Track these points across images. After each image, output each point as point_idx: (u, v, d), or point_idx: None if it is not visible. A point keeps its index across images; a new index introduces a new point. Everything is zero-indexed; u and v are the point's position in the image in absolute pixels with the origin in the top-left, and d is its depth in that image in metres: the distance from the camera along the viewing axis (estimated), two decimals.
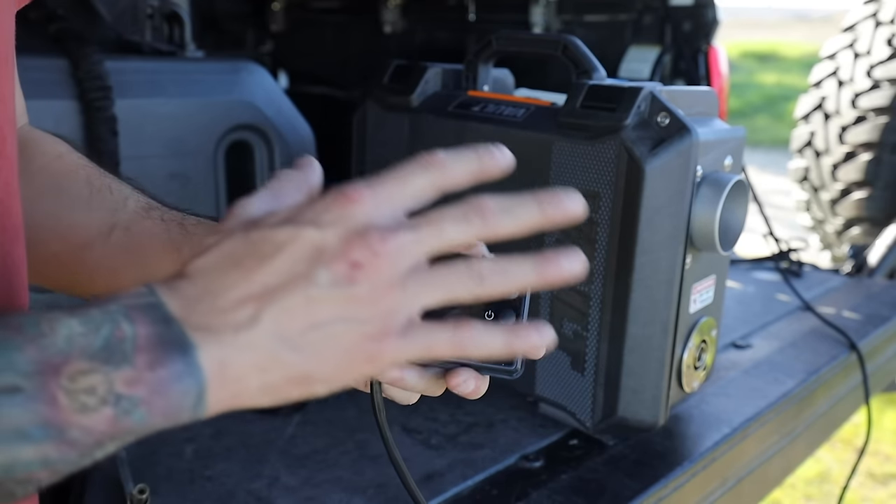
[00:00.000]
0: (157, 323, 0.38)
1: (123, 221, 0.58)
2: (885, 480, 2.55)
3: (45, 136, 0.65)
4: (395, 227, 0.40)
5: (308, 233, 0.40)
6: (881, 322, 1.62)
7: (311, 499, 0.95)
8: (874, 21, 2.90)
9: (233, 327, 0.38)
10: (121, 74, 1.33)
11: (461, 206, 0.42)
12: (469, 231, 0.41)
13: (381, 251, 0.39)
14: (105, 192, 0.60)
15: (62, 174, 0.61)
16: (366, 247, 0.39)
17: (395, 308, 0.40)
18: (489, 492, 0.98)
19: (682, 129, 0.95)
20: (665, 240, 0.98)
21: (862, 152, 2.81)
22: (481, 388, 0.50)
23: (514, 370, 0.49)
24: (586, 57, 1.06)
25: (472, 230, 0.42)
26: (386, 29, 2.34)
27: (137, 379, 0.37)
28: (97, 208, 0.59)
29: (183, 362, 0.38)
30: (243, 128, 1.49)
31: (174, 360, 0.37)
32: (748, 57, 12.34)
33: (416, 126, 1.19)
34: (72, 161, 0.63)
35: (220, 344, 0.38)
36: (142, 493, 0.88)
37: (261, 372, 0.39)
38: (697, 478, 1.06)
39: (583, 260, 0.43)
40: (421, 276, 0.40)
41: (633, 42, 1.99)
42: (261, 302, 0.39)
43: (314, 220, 0.40)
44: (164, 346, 0.37)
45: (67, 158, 0.63)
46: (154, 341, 0.37)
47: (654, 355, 1.01)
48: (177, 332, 0.38)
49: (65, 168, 0.62)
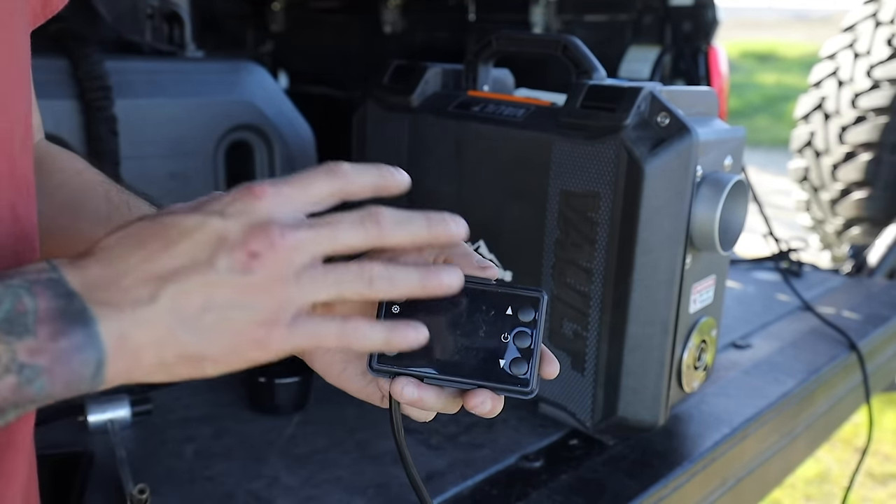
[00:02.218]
0: (58, 297, 0.40)
1: None
2: (885, 480, 2.55)
3: (62, 153, 0.66)
4: (295, 224, 0.43)
5: (213, 221, 0.42)
6: (881, 322, 1.62)
7: (311, 499, 0.95)
8: (874, 21, 2.90)
9: (132, 303, 0.40)
10: (121, 74, 1.34)
11: (359, 213, 0.45)
12: (363, 236, 0.44)
13: (278, 244, 0.42)
14: (123, 208, 0.61)
15: (81, 190, 0.62)
16: (265, 238, 0.42)
17: (286, 299, 0.42)
18: (489, 492, 0.98)
19: (682, 129, 0.95)
20: (665, 240, 0.98)
21: (862, 152, 2.81)
22: (497, 407, 0.51)
23: (529, 391, 0.50)
24: (586, 57, 1.06)
25: (366, 236, 0.44)
26: (386, 29, 2.34)
27: (39, 349, 0.38)
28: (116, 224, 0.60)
29: (84, 333, 0.39)
30: (243, 128, 1.49)
31: (75, 331, 0.39)
32: (748, 57, 12.34)
33: (416, 126, 1.19)
34: (91, 177, 0.64)
35: (120, 318, 0.40)
36: (142, 493, 0.88)
37: (157, 348, 0.41)
38: (697, 478, 1.06)
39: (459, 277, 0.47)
40: (314, 273, 0.43)
41: (633, 42, 1.99)
42: (161, 282, 0.41)
43: (220, 211, 0.43)
44: (65, 318, 0.39)
45: (86, 175, 0.64)
46: (55, 314, 0.39)
47: (654, 355, 1.01)
48: (78, 306, 0.40)
49: (84, 184, 0.63)
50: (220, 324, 0.42)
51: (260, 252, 0.41)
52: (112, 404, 1.08)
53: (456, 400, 0.52)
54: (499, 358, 0.50)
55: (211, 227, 0.42)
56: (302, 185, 0.45)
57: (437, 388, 0.51)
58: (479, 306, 0.51)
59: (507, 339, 0.51)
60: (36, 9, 0.53)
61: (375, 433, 1.10)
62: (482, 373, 0.50)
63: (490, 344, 0.50)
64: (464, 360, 0.50)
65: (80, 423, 1.06)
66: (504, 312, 0.51)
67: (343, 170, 0.46)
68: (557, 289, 1.05)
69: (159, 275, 0.41)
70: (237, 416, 1.14)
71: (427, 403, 0.51)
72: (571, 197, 1.02)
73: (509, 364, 0.50)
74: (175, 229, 0.42)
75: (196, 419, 1.13)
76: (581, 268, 1.03)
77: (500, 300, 0.51)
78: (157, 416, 1.12)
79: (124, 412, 1.09)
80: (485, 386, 0.50)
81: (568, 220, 1.03)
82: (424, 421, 0.54)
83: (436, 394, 0.51)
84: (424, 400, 0.51)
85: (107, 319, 0.40)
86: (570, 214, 1.03)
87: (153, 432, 1.09)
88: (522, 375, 0.50)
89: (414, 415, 0.54)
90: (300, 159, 1.55)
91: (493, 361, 0.50)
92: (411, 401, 0.51)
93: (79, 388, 0.40)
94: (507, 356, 0.50)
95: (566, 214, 1.03)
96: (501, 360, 0.50)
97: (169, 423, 1.11)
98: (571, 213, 1.02)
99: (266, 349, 0.43)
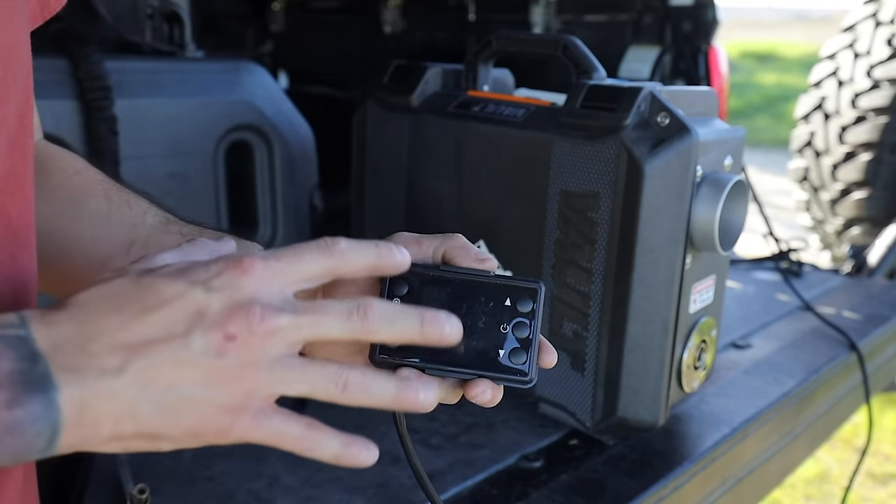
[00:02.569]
0: (22, 359, 0.38)
1: (143, 236, 0.59)
2: (885, 480, 2.55)
3: (62, 153, 0.66)
4: (279, 307, 0.41)
5: (195, 294, 0.41)
6: (881, 322, 1.62)
7: (311, 499, 0.95)
8: (874, 21, 2.90)
9: (98, 373, 0.39)
10: (121, 74, 1.33)
11: (348, 303, 0.43)
12: (348, 329, 0.43)
13: (257, 330, 0.40)
14: (124, 207, 0.61)
15: (81, 190, 0.62)
16: (244, 322, 0.40)
17: (256, 387, 0.41)
18: (489, 492, 0.98)
19: (682, 129, 0.95)
20: (665, 240, 0.98)
21: (862, 152, 2.81)
22: (497, 397, 0.51)
23: (528, 380, 0.51)
24: (586, 57, 1.06)
25: (352, 330, 0.43)
26: (386, 29, 2.34)
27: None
28: (116, 224, 0.60)
29: (41, 404, 0.38)
30: (243, 128, 1.49)
31: (33, 400, 0.37)
32: (748, 57, 12.34)
33: (416, 126, 1.19)
34: (90, 177, 0.64)
35: (83, 387, 0.38)
36: (142, 493, 0.88)
37: (115, 422, 0.40)
38: (697, 478, 1.06)
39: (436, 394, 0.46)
40: (288, 365, 0.42)
41: (633, 42, 1.99)
42: (131, 352, 0.39)
43: (204, 282, 0.41)
44: (24, 384, 0.37)
45: (86, 174, 0.64)
46: (16, 378, 0.37)
47: (654, 355, 1.01)
48: (41, 371, 0.38)
49: (83, 184, 0.63)
50: (183, 406, 0.40)
51: (236, 335, 0.40)
52: None
53: (456, 390, 0.52)
54: (498, 348, 0.51)
55: (191, 300, 0.41)
56: (293, 261, 0.43)
57: (438, 378, 0.51)
58: (478, 298, 0.52)
59: (507, 329, 0.51)
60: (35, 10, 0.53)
61: (375, 434, 1.10)
62: (482, 363, 0.51)
63: (489, 335, 0.51)
64: (464, 351, 0.51)
65: None
66: (503, 304, 0.51)
67: (339, 248, 0.44)
68: (557, 289, 1.05)
69: (130, 344, 0.40)
70: None
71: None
72: (571, 197, 1.02)
73: (508, 354, 0.51)
74: (155, 296, 0.41)
75: None
76: (581, 268, 1.03)
77: (499, 292, 0.52)
78: None
79: None
80: (485, 376, 0.51)
81: (568, 220, 1.03)
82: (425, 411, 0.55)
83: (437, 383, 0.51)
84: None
85: (69, 386, 0.38)
86: (570, 214, 1.03)
87: None
88: (521, 365, 0.51)
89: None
90: (300, 159, 1.55)
91: (493, 352, 0.51)
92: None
93: (25, 458, 0.39)
94: (507, 346, 0.51)
95: (566, 214, 1.03)
96: (501, 351, 0.51)
97: None
98: (571, 213, 1.02)
99: (226, 437, 0.42)
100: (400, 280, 0.52)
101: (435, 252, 0.53)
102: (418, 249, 0.52)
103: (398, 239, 0.53)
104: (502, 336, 0.51)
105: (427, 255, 0.53)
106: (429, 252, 0.53)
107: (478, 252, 0.53)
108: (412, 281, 0.52)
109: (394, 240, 0.52)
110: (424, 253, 0.53)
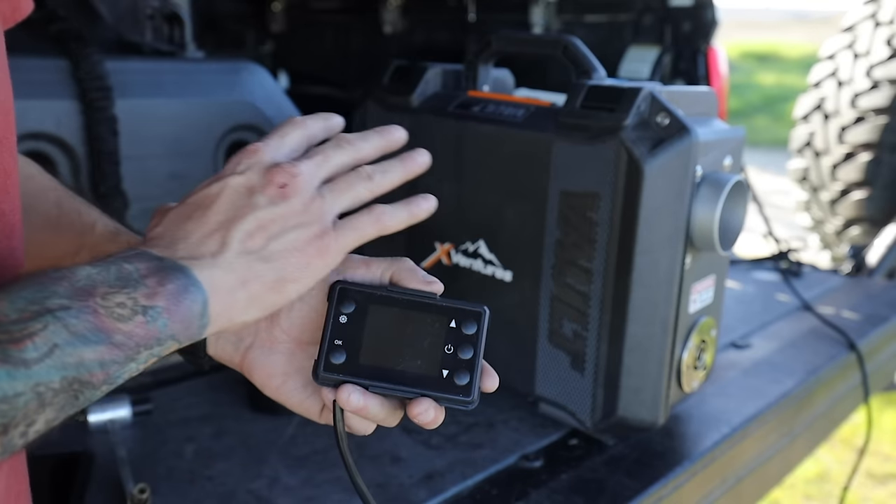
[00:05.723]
0: (151, 260, 0.45)
1: (90, 244, 0.61)
2: (885, 480, 2.55)
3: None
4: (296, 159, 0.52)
5: (233, 179, 0.50)
6: (880, 322, 1.62)
7: (311, 499, 0.95)
8: (873, 21, 2.91)
9: (209, 254, 0.47)
10: (121, 74, 1.34)
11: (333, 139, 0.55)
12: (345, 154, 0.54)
13: (296, 173, 0.50)
14: (73, 215, 0.63)
15: (31, 194, 0.63)
16: (284, 172, 0.50)
17: (323, 211, 0.51)
18: (489, 492, 0.98)
19: (682, 129, 0.95)
20: (664, 240, 0.98)
21: (861, 152, 2.81)
22: (439, 418, 0.53)
23: (471, 401, 0.52)
24: (586, 57, 1.06)
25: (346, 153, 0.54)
26: (386, 29, 2.34)
27: (154, 293, 0.44)
28: (65, 230, 0.62)
29: (185, 278, 0.45)
30: (243, 128, 1.49)
31: (178, 277, 0.45)
32: (748, 57, 12.34)
33: (416, 126, 1.19)
34: (42, 182, 0.65)
35: (205, 267, 0.46)
36: (142, 493, 0.88)
37: (243, 284, 0.48)
38: (697, 478, 1.06)
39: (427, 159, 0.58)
40: (330, 187, 0.52)
41: (633, 42, 1.99)
42: (223, 231, 0.48)
43: (233, 171, 0.50)
44: (164, 271, 0.45)
45: (38, 179, 0.65)
46: (155, 269, 0.45)
47: (653, 355, 1.01)
48: (170, 262, 0.46)
49: (34, 188, 0.64)
50: (285, 246, 0.49)
51: (286, 183, 0.49)
52: (112, 404, 1.08)
53: (398, 412, 0.54)
54: (442, 369, 0.52)
55: (236, 183, 0.49)
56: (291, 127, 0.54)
57: (381, 397, 0.52)
58: (423, 319, 0.53)
59: (451, 350, 0.52)
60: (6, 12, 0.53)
61: (374, 434, 1.10)
62: (425, 383, 0.52)
63: (433, 355, 0.52)
64: (408, 371, 0.52)
65: (81, 423, 1.07)
66: (448, 325, 0.53)
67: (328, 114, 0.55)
68: (557, 289, 1.05)
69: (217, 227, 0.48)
70: (237, 416, 1.14)
71: (371, 412, 0.53)
72: (571, 197, 1.02)
73: (452, 375, 0.52)
74: (206, 198, 0.49)
75: (196, 419, 1.13)
76: (581, 268, 1.03)
77: (444, 314, 0.53)
78: (158, 416, 1.12)
79: (125, 412, 1.09)
80: (427, 395, 0.52)
81: (568, 220, 1.03)
82: (364, 434, 0.56)
83: (380, 403, 0.53)
84: (369, 408, 0.52)
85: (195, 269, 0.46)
86: (570, 214, 1.03)
87: (153, 432, 1.09)
88: (464, 386, 0.51)
89: (356, 427, 0.55)
90: None
91: (437, 372, 0.52)
92: (357, 408, 0.52)
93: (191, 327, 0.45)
94: (450, 368, 0.52)
95: (566, 214, 1.03)
96: (444, 371, 0.52)
97: (169, 423, 1.11)
98: (571, 213, 1.03)
99: (328, 254, 0.50)
100: (347, 299, 0.53)
101: (383, 274, 0.55)
102: (367, 271, 0.55)
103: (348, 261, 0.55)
104: (446, 357, 0.52)
105: (375, 277, 0.55)
106: (377, 273, 0.55)
107: (425, 275, 0.55)
108: (359, 299, 0.53)
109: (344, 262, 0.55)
110: (373, 274, 0.55)
